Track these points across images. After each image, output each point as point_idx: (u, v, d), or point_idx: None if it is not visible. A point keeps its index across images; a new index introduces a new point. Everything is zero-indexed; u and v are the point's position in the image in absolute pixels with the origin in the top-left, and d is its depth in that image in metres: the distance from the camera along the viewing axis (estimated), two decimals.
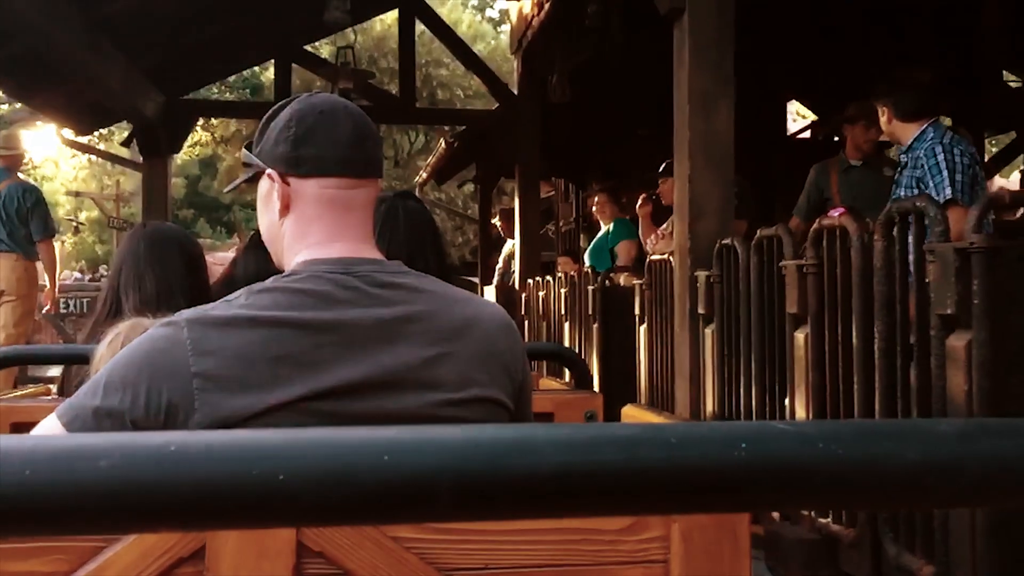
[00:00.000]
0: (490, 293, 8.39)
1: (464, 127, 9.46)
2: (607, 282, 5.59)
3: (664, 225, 5.79)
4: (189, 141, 22.06)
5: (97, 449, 0.52)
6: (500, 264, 9.14)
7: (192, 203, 28.52)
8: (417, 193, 12.95)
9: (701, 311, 3.86)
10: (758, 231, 3.45)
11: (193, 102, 8.47)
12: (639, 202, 6.12)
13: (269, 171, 1.26)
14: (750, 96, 9.02)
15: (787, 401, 3.16)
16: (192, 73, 8.20)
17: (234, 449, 0.53)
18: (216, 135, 20.37)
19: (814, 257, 2.98)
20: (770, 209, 6.75)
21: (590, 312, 5.73)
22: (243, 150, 1.34)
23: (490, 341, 1.26)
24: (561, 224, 11.75)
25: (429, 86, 17.92)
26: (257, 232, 3.87)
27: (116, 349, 1.45)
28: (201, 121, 21.59)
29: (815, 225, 3.04)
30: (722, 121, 4.02)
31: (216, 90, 18.49)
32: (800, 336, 3.07)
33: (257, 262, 3.19)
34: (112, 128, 10.83)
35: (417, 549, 1.02)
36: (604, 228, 7.03)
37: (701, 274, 3.86)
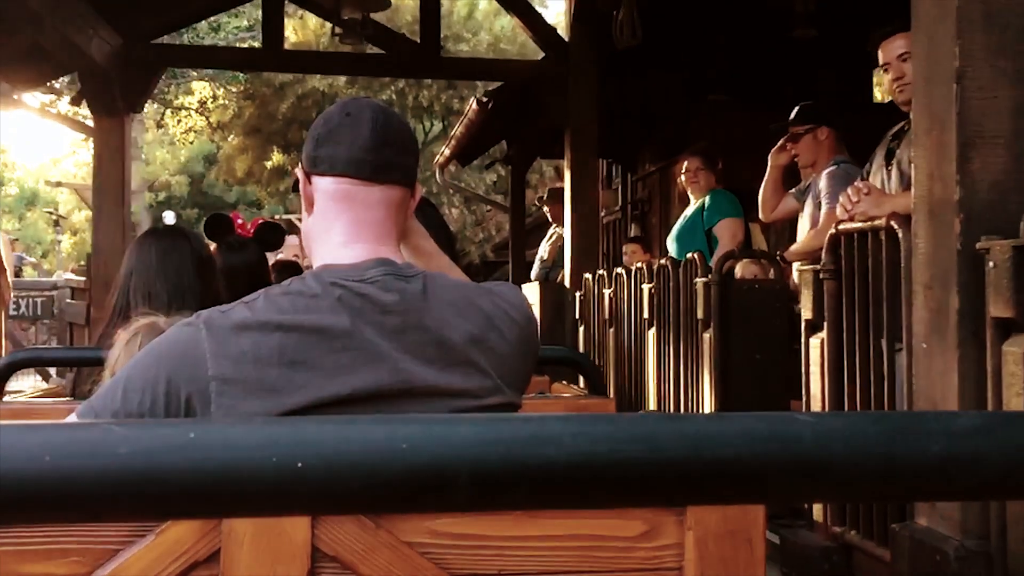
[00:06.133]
0: (529, 294, 7.25)
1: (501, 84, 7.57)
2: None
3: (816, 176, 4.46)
4: (182, 127, 20.36)
5: (117, 436, 0.55)
6: (544, 254, 7.29)
7: (196, 202, 27.75)
8: (437, 177, 11.18)
9: (998, 312, 1.87)
10: None
11: (158, 47, 7.42)
12: (776, 146, 4.73)
13: (297, 170, 1.38)
14: (833, 66, 7.84)
15: None
16: (156, 12, 7.20)
17: (253, 437, 0.56)
18: (212, 120, 18.52)
19: None
20: None
21: (700, 316, 4.37)
22: None
23: (508, 348, 1.34)
24: (604, 214, 9.89)
25: None
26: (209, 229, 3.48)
27: (134, 350, 1.50)
28: (196, 104, 19.86)
29: None
30: None
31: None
32: None
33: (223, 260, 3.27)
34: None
35: (431, 554, 1.06)
36: (695, 203, 5.78)
37: (996, 245, 2.36)
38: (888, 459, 0.57)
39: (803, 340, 3.41)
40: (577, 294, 6.58)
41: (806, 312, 3.36)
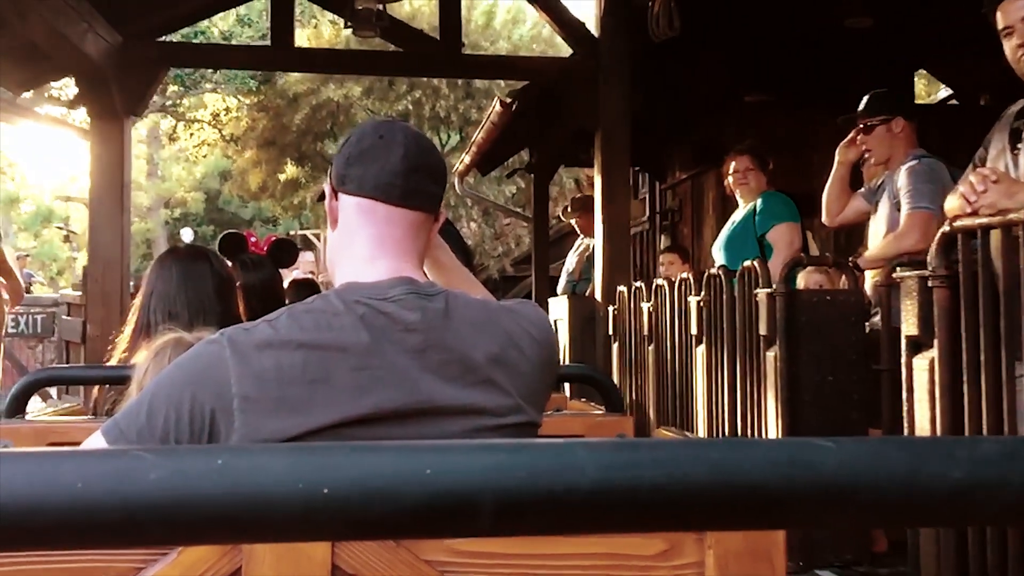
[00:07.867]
0: (557, 308, 6.82)
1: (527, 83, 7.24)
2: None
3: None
4: (195, 140, 19.98)
5: (147, 462, 0.56)
6: (572, 266, 6.87)
7: (212, 219, 27.66)
8: (456, 187, 10.89)
9: None
10: None
11: (159, 45, 6.96)
12: (845, 140, 4.15)
13: (325, 184, 1.43)
14: (876, 66, 7.47)
15: None
16: (158, 7, 6.79)
17: (280, 463, 0.58)
18: (225, 134, 18.17)
19: None
20: None
21: (763, 332, 3.88)
22: None
23: (529, 366, 1.37)
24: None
25: None
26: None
27: (163, 364, 1.54)
28: (209, 117, 19.51)
29: None
30: None
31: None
32: None
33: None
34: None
35: (451, 572, 1.07)
36: (745, 206, 5.19)
37: None
38: (910, 485, 0.57)
39: (904, 361, 2.89)
40: (610, 308, 6.17)
41: (909, 328, 2.83)
